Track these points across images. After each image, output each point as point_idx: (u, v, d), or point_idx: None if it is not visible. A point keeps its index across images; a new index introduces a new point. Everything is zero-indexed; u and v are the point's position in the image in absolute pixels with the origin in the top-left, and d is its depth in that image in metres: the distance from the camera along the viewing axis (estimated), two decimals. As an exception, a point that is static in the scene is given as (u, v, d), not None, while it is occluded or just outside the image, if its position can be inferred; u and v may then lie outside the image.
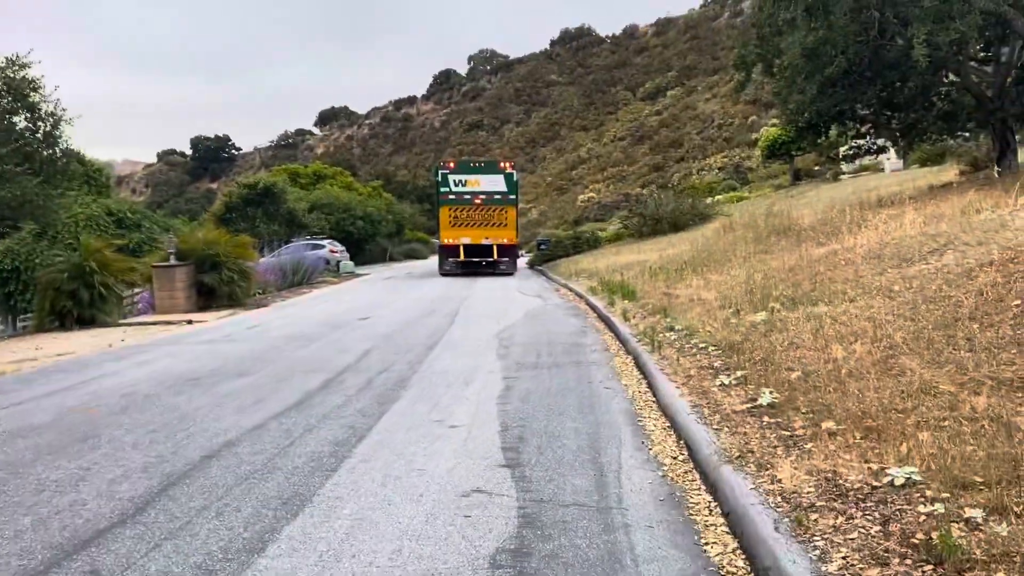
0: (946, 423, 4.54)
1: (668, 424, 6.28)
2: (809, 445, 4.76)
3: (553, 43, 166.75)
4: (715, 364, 7.47)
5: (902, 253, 9.40)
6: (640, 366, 8.61)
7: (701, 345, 8.33)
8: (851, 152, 22.12)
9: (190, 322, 16.28)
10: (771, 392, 5.94)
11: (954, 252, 8.41)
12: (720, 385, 6.64)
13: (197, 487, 5.19)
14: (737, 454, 4.84)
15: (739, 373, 6.78)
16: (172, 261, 18.91)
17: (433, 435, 6.34)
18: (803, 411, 5.38)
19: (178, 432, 6.73)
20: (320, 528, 4.37)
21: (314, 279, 29.09)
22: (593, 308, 15.34)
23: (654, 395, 7.27)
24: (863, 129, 21.79)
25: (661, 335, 9.58)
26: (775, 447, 4.87)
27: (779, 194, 36.12)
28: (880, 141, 22.51)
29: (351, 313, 16.59)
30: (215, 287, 19.27)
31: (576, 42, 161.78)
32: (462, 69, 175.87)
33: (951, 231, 9.53)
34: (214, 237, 19.91)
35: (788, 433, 5.07)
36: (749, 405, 5.83)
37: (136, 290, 21.47)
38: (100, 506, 4.87)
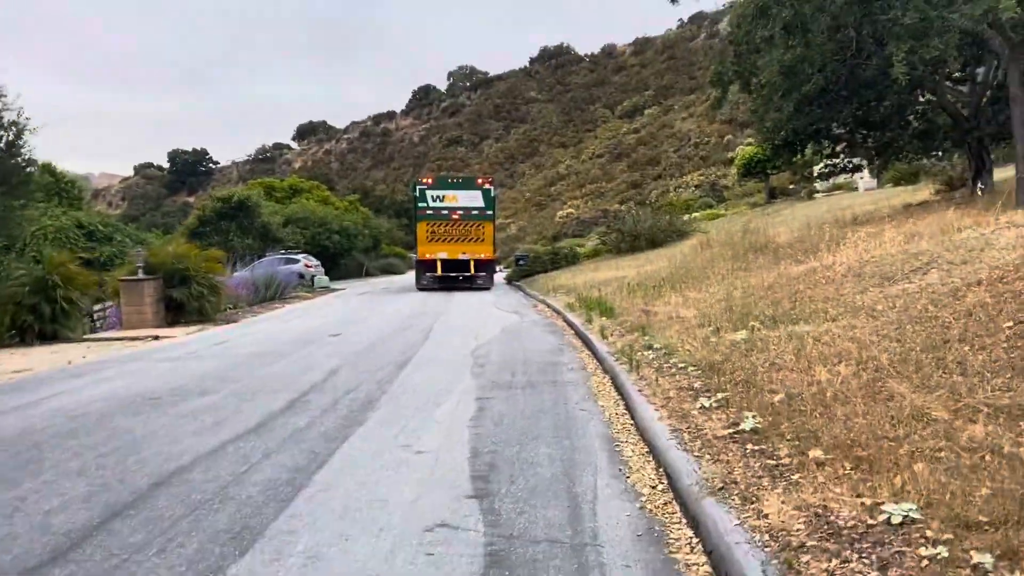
0: (943, 454, 4.27)
1: (647, 449, 5.98)
2: (796, 476, 4.47)
3: (532, 60, 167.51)
4: (695, 385, 7.19)
5: (884, 271, 9.20)
6: (618, 387, 8.32)
7: (680, 365, 8.05)
8: (827, 170, 22.07)
9: (156, 338, 15.81)
10: (754, 416, 5.66)
11: (938, 271, 8.21)
12: (700, 408, 6.35)
13: (141, 519, 4.81)
14: (720, 485, 4.54)
15: (720, 395, 6.50)
16: (140, 275, 18.42)
17: (399, 461, 5.99)
18: (788, 437, 5.09)
19: (129, 457, 6.34)
20: (269, 567, 4.02)
21: (287, 294, 28.62)
22: (570, 325, 15.06)
23: (632, 418, 6.98)
24: (838, 148, 21.78)
25: (639, 354, 9.30)
26: (760, 477, 4.57)
27: (755, 212, 36.16)
28: (856, 160, 22.48)
29: (322, 329, 16.19)
30: (184, 302, 18.80)
31: (555, 60, 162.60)
32: (442, 85, 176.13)
33: (933, 249, 9.35)
34: (184, 251, 19.44)
35: (773, 462, 4.78)
36: (731, 430, 5.54)
37: (107, 304, 20.94)
38: (32, 541, 4.48)
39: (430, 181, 30.98)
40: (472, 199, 29.88)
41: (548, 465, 5.78)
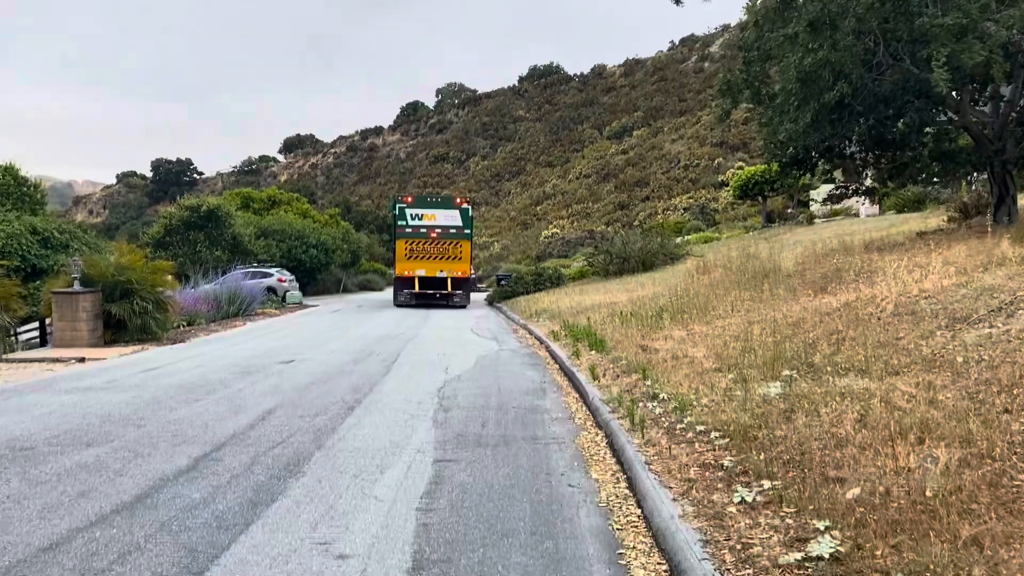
0: None
1: (666, 568, 4.14)
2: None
3: (521, 79, 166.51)
4: (724, 461, 5.35)
5: (950, 310, 7.42)
6: (616, 450, 6.47)
7: (699, 427, 6.21)
8: (838, 192, 20.38)
9: (83, 360, 13.83)
10: (828, 528, 3.84)
11: (1031, 313, 6.44)
12: (741, 504, 4.52)
13: None
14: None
15: (766, 484, 4.68)
16: (76, 287, 16.46)
17: (308, 574, 4.13)
18: (898, 579, 3.27)
19: (-72, 552, 4.45)
20: None
21: (252, 310, 26.62)
22: (555, 357, 13.23)
23: (639, 506, 5.13)
24: (853, 165, 20.12)
25: (641, 406, 7.46)
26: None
27: (752, 236, 34.52)
28: (868, 182, 20.82)
29: (276, 354, 14.28)
30: (125, 318, 16.82)
31: (544, 79, 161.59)
32: (430, 101, 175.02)
33: (1006, 284, 7.59)
34: (127, 261, 17.47)
35: (890, 634, 2.95)
36: (799, 554, 3.70)
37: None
38: None
39: (410, 199, 31.57)
40: (450, 218, 30.32)
41: (523, 589, 3.93)
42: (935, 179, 19.43)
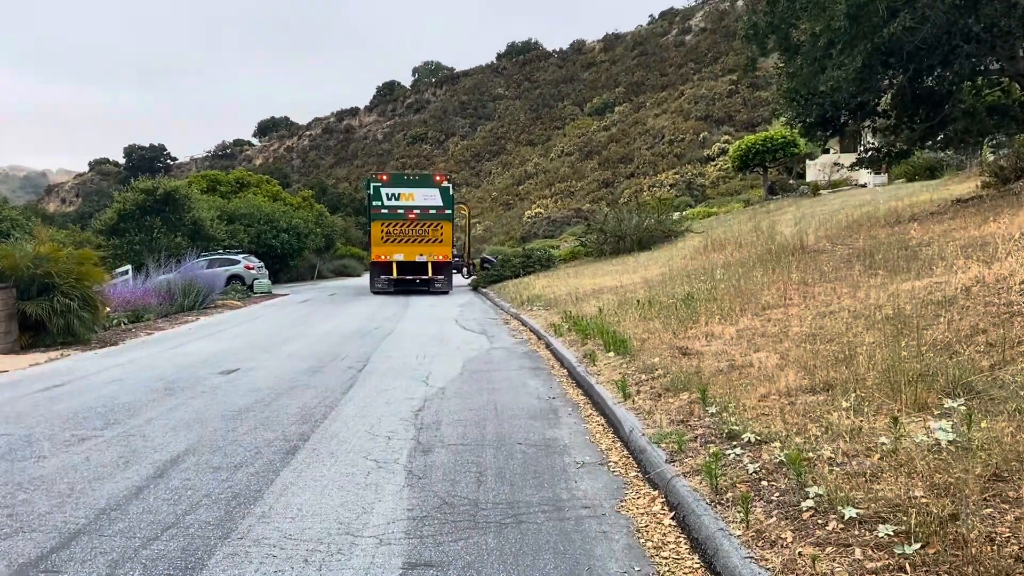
0: None
1: None
2: None
3: (499, 56, 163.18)
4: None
5: None
6: (698, 542, 4.00)
7: (847, 511, 3.74)
8: (868, 156, 17.99)
9: (-24, 374, 11.22)
10: None
11: None
12: None
13: None
14: None
15: None
16: (-16, 283, 13.83)
17: None
18: None
19: None
20: None
21: (211, 302, 23.98)
22: (559, 358, 10.77)
23: None
24: (880, 124, 17.71)
25: (716, 452, 5.00)
26: None
27: (754, 210, 32.14)
28: (898, 144, 18.41)
29: (219, 360, 11.74)
30: (44, 319, 14.21)
31: (523, 56, 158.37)
32: (406, 81, 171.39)
33: None
34: (47, 251, 14.81)
35: None
36: None
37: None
38: None
39: (385, 178, 29.24)
40: (430, 197, 28.03)
41: None
42: (982, 137, 17.07)
